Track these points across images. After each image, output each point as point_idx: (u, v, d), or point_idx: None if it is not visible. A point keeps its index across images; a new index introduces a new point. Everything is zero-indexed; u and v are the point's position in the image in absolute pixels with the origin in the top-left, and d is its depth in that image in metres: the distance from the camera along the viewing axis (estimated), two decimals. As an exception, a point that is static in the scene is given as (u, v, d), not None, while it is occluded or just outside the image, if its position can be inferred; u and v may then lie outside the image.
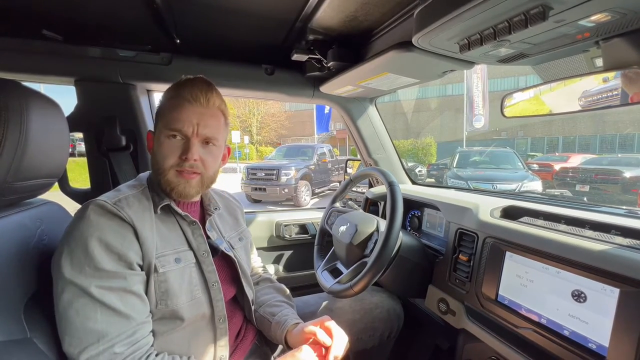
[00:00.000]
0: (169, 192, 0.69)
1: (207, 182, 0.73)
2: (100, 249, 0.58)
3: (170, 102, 0.69)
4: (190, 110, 0.67)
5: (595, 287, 0.60)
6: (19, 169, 0.59)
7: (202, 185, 0.72)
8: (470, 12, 0.55)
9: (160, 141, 0.68)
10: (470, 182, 6.41)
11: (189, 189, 0.69)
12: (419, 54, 0.80)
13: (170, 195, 0.70)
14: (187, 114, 0.67)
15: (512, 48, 0.68)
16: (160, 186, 0.69)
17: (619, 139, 16.91)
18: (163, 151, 0.67)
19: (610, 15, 0.51)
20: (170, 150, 0.67)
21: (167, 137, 0.67)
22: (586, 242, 0.65)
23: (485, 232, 0.86)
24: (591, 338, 0.60)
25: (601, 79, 0.63)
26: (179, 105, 0.68)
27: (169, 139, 0.67)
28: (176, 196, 0.69)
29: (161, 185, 0.69)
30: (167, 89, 0.73)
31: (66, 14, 0.87)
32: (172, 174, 0.68)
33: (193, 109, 0.68)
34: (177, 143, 0.67)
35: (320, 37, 1.00)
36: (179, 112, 0.67)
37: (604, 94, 0.62)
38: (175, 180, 0.68)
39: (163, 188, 0.69)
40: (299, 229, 1.55)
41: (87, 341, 0.54)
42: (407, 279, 1.00)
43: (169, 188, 0.68)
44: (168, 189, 0.68)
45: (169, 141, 0.67)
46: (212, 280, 0.72)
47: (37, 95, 0.63)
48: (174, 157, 0.67)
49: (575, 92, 0.67)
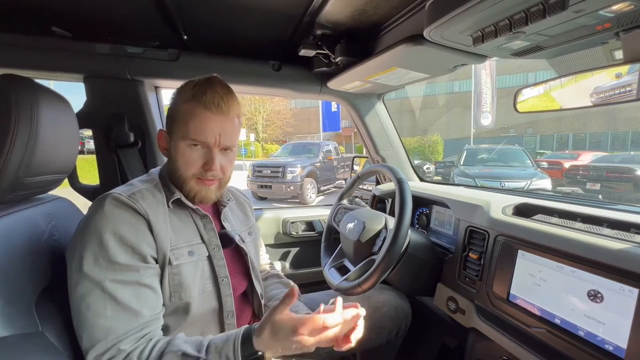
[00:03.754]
0: (192, 198, 0.71)
1: (224, 185, 0.75)
2: (114, 242, 0.58)
3: (188, 108, 0.66)
4: (212, 120, 0.66)
5: (613, 287, 0.59)
6: (30, 165, 0.60)
7: (220, 189, 0.74)
8: (486, 3, 0.53)
9: (180, 149, 0.67)
10: (478, 179, 6.34)
11: (210, 194, 0.71)
12: (430, 47, 0.78)
13: (192, 200, 0.71)
14: (210, 125, 0.66)
15: (528, 40, 0.66)
16: (182, 191, 0.70)
17: (631, 136, 16.52)
18: (184, 160, 0.67)
19: (633, 4, 0.49)
20: (192, 160, 0.67)
21: (188, 146, 0.67)
22: (604, 240, 0.63)
23: (497, 230, 0.84)
24: (608, 339, 0.58)
25: (614, 75, 0.61)
26: (200, 114, 0.65)
27: (190, 147, 0.67)
28: (198, 201, 0.72)
29: (183, 190, 0.70)
30: (182, 89, 0.69)
31: (75, 11, 0.87)
32: (193, 182, 0.69)
33: (215, 118, 0.66)
34: (198, 152, 0.67)
35: (328, 32, 0.99)
36: (201, 122, 0.65)
37: (617, 89, 0.60)
38: (196, 188, 0.69)
39: (185, 194, 0.70)
40: (305, 226, 1.54)
41: (96, 338, 0.55)
42: (415, 276, 0.99)
43: (191, 194, 0.70)
44: (190, 195, 0.70)
45: (190, 150, 0.67)
46: (222, 275, 0.72)
47: (47, 91, 0.64)
48: (196, 167, 0.68)
49: (587, 88, 0.65)
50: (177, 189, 0.71)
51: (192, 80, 0.69)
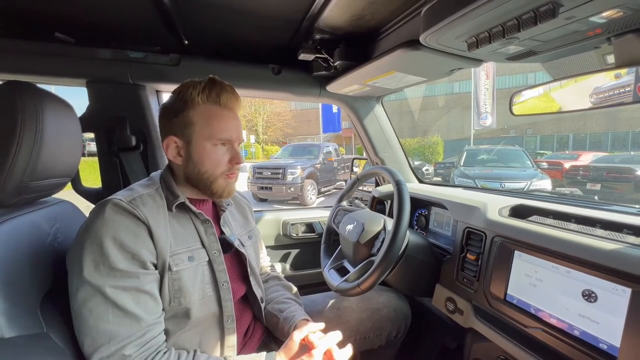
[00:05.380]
0: (220, 194, 0.74)
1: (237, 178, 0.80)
2: (114, 248, 0.59)
3: (206, 110, 0.70)
4: (233, 119, 0.73)
5: (606, 286, 0.60)
6: (35, 169, 0.61)
7: (236, 181, 0.78)
8: (479, 10, 0.55)
9: (207, 150, 0.70)
10: (478, 180, 6.34)
11: (233, 186, 0.77)
12: (426, 52, 0.79)
13: (220, 196, 0.75)
14: (232, 124, 0.72)
15: (521, 45, 0.67)
16: (209, 191, 0.73)
17: (631, 136, 16.51)
18: (213, 160, 0.71)
19: (622, 11, 0.50)
20: (220, 158, 0.72)
21: (214, 146, 0.71)
22: (597, 241, 0.64)
23: (494, 231, 0.85)
24: (602, 338, 0.59)
25: (613, 75, 0.61)
26: (221, 115, 0.71)
27: (216, 147, 0.71)
28: (226, 196, 0.76)
29: (211, 190, 0.73)
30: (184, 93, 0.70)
31: (78, 16, 0.89)
32: (222, 180, 0.73)
33: (233, 116, 0.73)
34: (223, 150, 0.72)
35: (326, 36, 1.00)
36: (225, 121, 0.71)
37: (616, 90, 0.61)
38: (224, 184, 0.74)
39: (213, 192, 0.73)
40: (305, 227, 1.55)
41: (100, 341, 0.55)
42: (414, 277, 1.00)
43: (219, 191, 0.73)
44: (219, 192, 0.74)
45: (216, 150, 0.71)
46: (222, 279, 0.72)
47: (50, 96, 0.65)
48: (224, 164, 0.73)
49: (586, 88, 0.66)
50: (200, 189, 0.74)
51: (192, 84, 0.70)
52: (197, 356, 0.64)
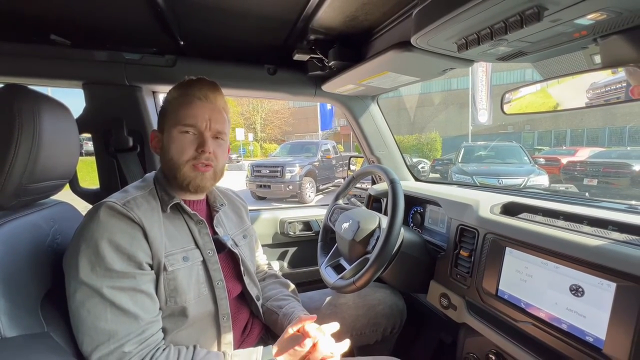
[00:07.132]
0: (186, 186, 0.72)
1: (218, 175, 0.77)
2: (110, 250, 0.60)
3: (179, 100, 0.72)
4: (201, 107, 0.72)
5: (592, 281, 0.62)
6: (33, 172, 0.62)
7: (214, 178, 0.76)
8: (467, 13, 0.56)
9: (173, 137, 0.71)
10: (476, 177, 6.38)
11: (205, 181, 0.73)
12: (418, 53, 0.81)
13: (187, 189, 0.72)
14: (200, 111, 0.71)
15: (510, 46, 0.68)
16: (177, 181, 0.72)
17: (628, 131, 16.57)
18: (178, 146, 0.70)
19: (606, 14, 0.52)
20: (186, 145, 0.70)
21: (180, 133, 0.70)
22: (583, 237, 0.66)
23: (486, 228, 0.87)
24: (588, 331, 0.61)
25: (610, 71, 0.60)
26: (191, 102, 0.72)
27: (182, 134, 0.71)
28: (193, 189, 0.73)
29: (177, 180, 0.71)
30: (172, 89, 0.75)
31: (73, 19, 0.89)
32: (188, 168, 0.71)
33: (204, 105, 0.72)
34: (190, 138, 0.71)
35: (321, 36, 1.01)
36: (191, 108, 0.71)
37: (612, 85, 0.61)
38: (192, 174, 0.71)
39: (179, 183, 0.71)
40: (302, 226, 1.57)
41: (98, 340, 0.57)
42: (409, 274, 1.02)
43: (185, 182, 0.71)
44: (185, 183, 0.71)
45: (182, 136, 0.71)
46: (217, 278, 0.74)
47: (47, 99, 0.66)
48: (190, 152, 0.71)
49: (583, 84, 0.66)
50: (180, 190, 0.73)
51: (181, 81, 0.75)
52: (196, 351, 0.66)
